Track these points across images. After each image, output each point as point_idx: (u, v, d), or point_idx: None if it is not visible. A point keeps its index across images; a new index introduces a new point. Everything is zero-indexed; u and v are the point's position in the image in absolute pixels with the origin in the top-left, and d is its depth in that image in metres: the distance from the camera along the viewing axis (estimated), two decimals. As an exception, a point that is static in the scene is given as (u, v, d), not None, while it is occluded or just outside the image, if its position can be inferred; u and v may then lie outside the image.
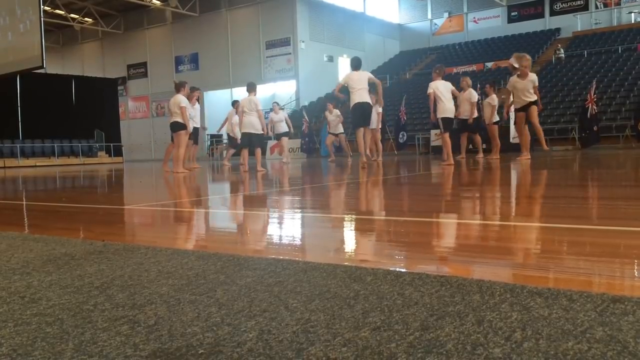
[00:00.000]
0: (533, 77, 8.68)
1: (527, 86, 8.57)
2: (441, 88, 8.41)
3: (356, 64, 8.42)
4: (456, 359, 0.86)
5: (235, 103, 11.97)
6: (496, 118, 11.03)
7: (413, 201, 3.70)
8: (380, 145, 11.92)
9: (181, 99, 9.05)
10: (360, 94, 8.10)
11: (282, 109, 14.85)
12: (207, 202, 4.23)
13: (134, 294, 1.34)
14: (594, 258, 1.64)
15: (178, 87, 9.34)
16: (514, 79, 8.76)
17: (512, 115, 10.72)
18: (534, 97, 8.63)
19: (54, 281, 1.50)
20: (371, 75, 8.52)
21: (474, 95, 10.59)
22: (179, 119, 9.00)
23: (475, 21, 33.04)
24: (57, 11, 31.55)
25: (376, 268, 1.51)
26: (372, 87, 8.73)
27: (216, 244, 2.21)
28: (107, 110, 25.56)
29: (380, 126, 11.93)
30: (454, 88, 8.71)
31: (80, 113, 24.34)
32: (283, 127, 13.63)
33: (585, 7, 29.45)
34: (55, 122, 23.01)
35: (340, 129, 13.82)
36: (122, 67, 35.03)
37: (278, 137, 14.37)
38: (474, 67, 27.51)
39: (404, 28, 35.64)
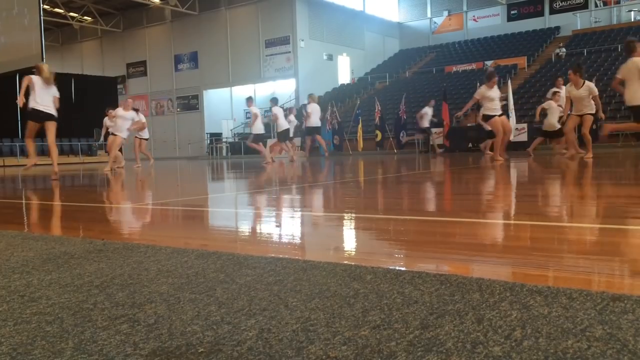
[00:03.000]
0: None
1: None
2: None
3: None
4: (456, 358, 0.86)
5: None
6: None
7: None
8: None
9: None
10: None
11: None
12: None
13: (133, 292, 1.34)
14: (593, 256, 1.64)
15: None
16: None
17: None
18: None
19: (53, 280, 1.50)
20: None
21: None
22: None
23: (474, 19, 33.04)
24: (57, 10, 31.54)
25: (376, 267, 1.51)
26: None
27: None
28: (106, 109, 25.51)
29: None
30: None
31: (79, 112, 24.31)
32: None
33: (584, 6, 29.45)
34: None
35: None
36: (121, 65, 35.01)
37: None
38: (473, 66, 27.51)
39: (403, 26, 35.63)
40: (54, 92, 7.69)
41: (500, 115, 9.01)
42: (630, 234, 2.05)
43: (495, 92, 8.71)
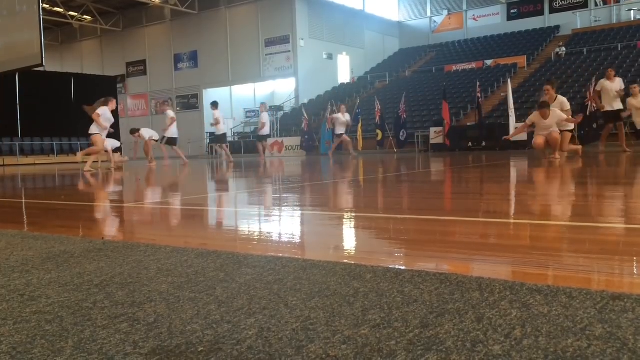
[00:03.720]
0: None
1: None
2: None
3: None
4: (456, 356, 0.86)
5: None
6: None
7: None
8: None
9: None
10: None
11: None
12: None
13: (133, 291, 1.34)
14: (593, 255, 1.64)
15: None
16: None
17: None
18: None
19: (53, 279, 1.50)
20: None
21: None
22: None
23: (474, 19, 33.03)
24: (56, 9, 31.51)
25: (376, 266, 1.51)
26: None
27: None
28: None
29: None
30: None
31: (79, 111, 24.17)
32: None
33: (584, 5, 29.46)
34: (54, 120, 22.97)
35: (342, 130, 15.46)
36: (121, 64, 34.99)
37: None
38: (473, 65, 27.51)
39: (403, 26, 35.62)
40: None
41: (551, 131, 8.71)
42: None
43: (549, 121, 8.56)
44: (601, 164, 6.99)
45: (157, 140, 13.95)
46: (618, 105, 10.26)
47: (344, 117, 15.35)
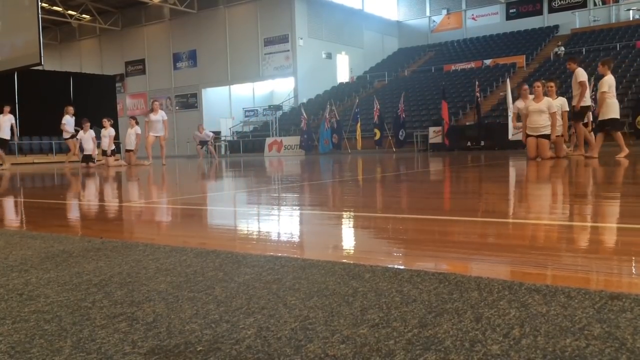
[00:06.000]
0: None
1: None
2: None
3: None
4: (454, 356, 0.86)
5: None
6: None
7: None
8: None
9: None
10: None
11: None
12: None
13: (132, 291, 1.34)
14: (591, 255, 1.64)
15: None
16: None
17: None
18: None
19: (52, 278, 1.50)
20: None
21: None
22: None
23: (473, 18, 33.04)
24: (55, 8, 31.46)
25: (374, 265, 1.51)
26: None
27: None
28: (105, 108, 25.47)
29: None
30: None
31: (78, 110, 24.25)
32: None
33: (583, 5, 29.49)
34: (53, 119, 22.94)
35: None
36: (120, 64, 34.95)
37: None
38: (472, 64, 27.52)
39: (402, 25, 35.62)
40: None
41: (539, 136, 8.48)
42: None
43: (544, 104, 8.44)
44: (601, 165, 6.99)
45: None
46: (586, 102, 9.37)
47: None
